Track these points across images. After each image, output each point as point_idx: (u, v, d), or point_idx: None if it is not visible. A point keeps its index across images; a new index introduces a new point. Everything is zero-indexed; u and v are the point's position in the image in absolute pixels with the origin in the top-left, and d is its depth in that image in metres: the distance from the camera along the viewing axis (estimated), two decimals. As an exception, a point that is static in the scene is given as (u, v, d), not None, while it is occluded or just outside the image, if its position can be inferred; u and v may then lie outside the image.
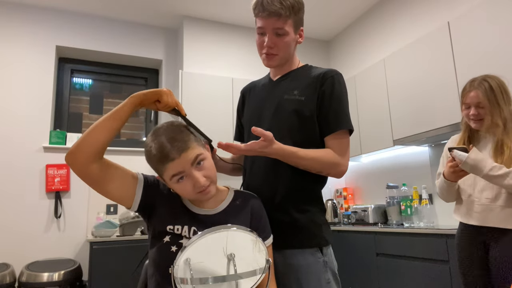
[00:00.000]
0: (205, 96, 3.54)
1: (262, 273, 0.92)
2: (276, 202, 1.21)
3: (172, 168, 0.96)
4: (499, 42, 2.30)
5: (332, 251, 1.24)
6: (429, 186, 3.05)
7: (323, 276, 1.16)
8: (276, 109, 1.27)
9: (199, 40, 3.89)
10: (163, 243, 1.00)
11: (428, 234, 2.42)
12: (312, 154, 1.17)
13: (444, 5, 3.06)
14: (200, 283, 0.84)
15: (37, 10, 3.58)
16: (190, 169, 0.97)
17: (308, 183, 1.23)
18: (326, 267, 1.17)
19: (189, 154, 0.96)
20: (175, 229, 1.01)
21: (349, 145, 1.24)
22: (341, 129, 1.21)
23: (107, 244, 2.84)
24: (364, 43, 3.96)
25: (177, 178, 0.97)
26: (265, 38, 1.23)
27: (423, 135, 2.79)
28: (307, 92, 1.23)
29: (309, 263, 1.16)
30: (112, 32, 3.85)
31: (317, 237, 1.20)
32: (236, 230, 0.91)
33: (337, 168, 1.20)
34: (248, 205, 1.12)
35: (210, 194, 1.01)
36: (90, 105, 3.88)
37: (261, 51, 1.26)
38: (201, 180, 0.97)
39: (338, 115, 1.21)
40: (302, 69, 1.32)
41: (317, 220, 1.22)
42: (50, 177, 3.31)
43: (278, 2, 1.17)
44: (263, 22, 1.20)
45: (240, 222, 1.07)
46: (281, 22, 1.19)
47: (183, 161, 0.96)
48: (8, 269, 2.82)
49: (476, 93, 1.71)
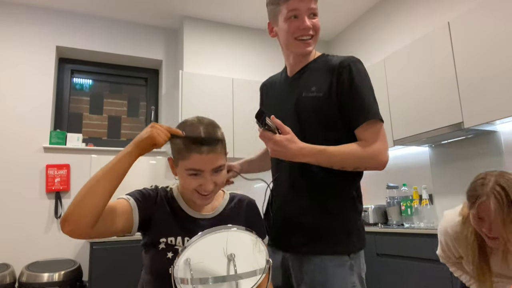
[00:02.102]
0: (205, 96, 3.54)
1: (262, 273, 0.92)
2: (302, 207, 1.17)
3: (196, 161, 0.96)
4: (499, 42, 2.30)
5: (362, 254, 1.17)
6: (429, 186, 3.05)
7: (348, 279, 1.11)
8: (295, 109, 1.21)
9: (199, 40, 3.89)
10: (159, 250, 1.01)
11: (428, 235, 2.41)
12: (343, 148, 1.10)
13: (444, 5, 3.06)
14: (200, 283, 0.84)
15: (37, 10, 3.58)
16: (208, 173, 0.98)
17: (337, 184, 1.16)
18: (352, 270, 1.12)
19: (216, 159, 0.98)
20: (168, 240, 1.02)
21: (383, 133, 1.14)
22: (366, 121, 1.11)
23: (107, 244, 2.84)
24: (364, 43, 3.96)
25: (192, 172, 0.97)
26: (302, 21, 1.16)
27: (423, 135, 2.79)
28: (325, 86, 1.15)
29: (334, 266, 1.11)
30: (112, 32, 3.85)
31: (345, 244, 1.14)
32: (236, 230, 0.91)
33: (375, 159, 1.10)
34: (243, 207, 1.15)
35: (208, 201, 1.03)
36: (90, 105, 3.88)
37: (295, 36, 1.17)
38: (210, 187, 0.99)
39: (362, 106, 1.12)
40: (318, 60, 1.23)
41: (347, 225, 1.15)
42: (50, 177, 3.31)
43: None
44: (298, 3, 1.14)
45: (234, 223, 1.07)
46: (314, 1, 1.17)
47: (210, 161, 0.97)
48: (8, 269, 2.82)
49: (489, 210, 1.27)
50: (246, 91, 3.73)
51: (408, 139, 2.94)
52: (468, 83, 2.48)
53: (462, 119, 2.49)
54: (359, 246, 1.16)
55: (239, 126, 3.61)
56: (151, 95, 4.11)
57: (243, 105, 3.68)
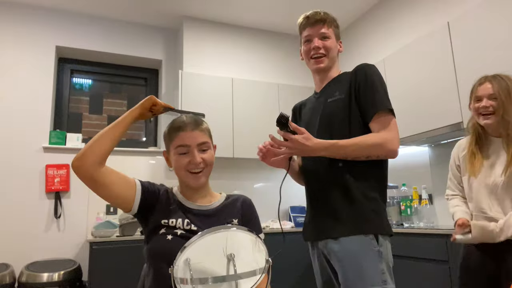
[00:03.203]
0: (205, 96, 3.54)
1: (262, 273, 0.92)
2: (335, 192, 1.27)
3: (182, 137, 1.12)
4: (499, 42, 2.30)
5: (389, 245, 1.25)
6: (429, 186, 3.05)
7: (378, 265, 1.18)
8: (322, 113, 1.36)
9: (199, 40, 3.89)
10: (159, 235, 1.07)
11: (428, 234, 2.41)
12: (353, 140, 1.22)
13: (444, 5, 3.06)
14: (200, 283, 0.84)
15: (37, 10, 3.58)
16: (194, 148, 1.12)
17: (366, 170, 1.26)
18: (381, 257, 1.19)
19: (200, 135, 1.13)
20: (170, 222, 1.09)
21: (394, 123, 1.26)
22: (377, 111, 1.25)
23: (107, 244, 2.84)
24: (364, 43, 3.96)
25: (181, 150, 1.12)
26: (312, 43, 1.38)
27: (423, 135, 2.79)
28: (345, 89, 1.33)
29: (365, 250, 1.18)
30: (112, 32, 3.84)
31: (373, 223, 1.22)
32: (236, 230, 0.91)
33: (384, 147, 1.21)
34: (239, 203, 1.21)
35: (200, 180, 1.13)
36: (90, 105, 3.88)
37: (309, 56, 1.40)
38: (198, 159, 1.11)
39: (373, 99, 1.27)
40: (341, 75, 1.42)
41: (375, 207, 1.24)
42: (50, 177, 3.31)
43: (323, 13, 1.38)
44: (310, 30, 1.38)
45: (231, 217, 1.16)
46: (326, 27, 1.37)
47: (193, 136, 1.12)
48: (8, 269, 2.82)
49: (491, 84, 1.61)
50: (246, 91, 3.73)
51: (407, 139, 2.94)
52: (468, 83, 2.47)
53: (462, 119, 2.49)
54: (387, 230, 1.24)
55: (238, 126, 3.61)
56: (150, 95, 4.11)
57: (243, 105, 3.68)
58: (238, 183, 3.89)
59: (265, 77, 4.13)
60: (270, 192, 3.99)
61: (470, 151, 1.69)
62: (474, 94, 1.67)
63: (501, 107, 1.56)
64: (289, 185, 4.08)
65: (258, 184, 3.99)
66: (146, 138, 4.01)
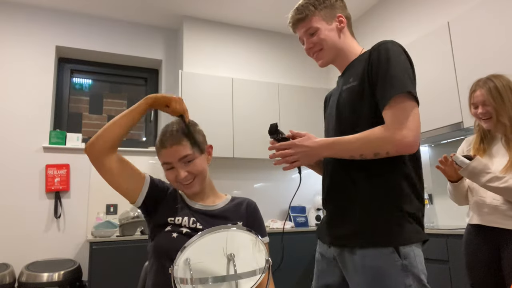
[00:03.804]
0: (205, 96, 3.54)
1: (262, 273, 0.92)
2: (349, 200, 1.11)
3: (164, 155, 1.13)
4: (499, 42, 2.30)
5: (418, 253, 1.05)
6: (429, 186, 3.05)
7: (401, 281, 1.00)
8: (337, 103, 1.21)
9: (199, 40, 3.89)
10: (164, 232, 1.09)
11: (428, 234, 2.42)
12: (358, 135, 1.04)
13: (444, 5, 3.06)
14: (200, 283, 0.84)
15: (37, 10, 3.58)
16: (177, 163, 1.12)
17: (381, 173, 1.07)
18: (406, 271, 1.01)
19: (180, 150, 1.12)
20: (176, 220, 1.11)
21: (411, 110, 1.01)
22: (392, 96, 1.02)
23: (107, 244, 2.84)
24: (364, 43, 3.96)
25: (166, 167, 1.14)
26: (305, 45, 1.26)
27: (423, 135, 2.79)
28: (360, 74, 1.13)
29: (383, 266, 1.02)
30: (112, 32, 3.84)
31: (391, 235, 1.03)
32: (236, 230, 0.91)
33: (393, 141, 0.99)
34: (243, 207, 1.22)
35: (193, 189, 1.15)
36: (89, 105, 3.88)
37: (310, 56, 1.29)
38: (182, 175, 1.12)
39: (389, 81, 1.04)
40: (362, 55, 1.20)
41: (394, 214, 1.05)
42: (50, 177, 3.31)
43: (294, 10, 1.24)
44: (297, 32, 1.27)
45: (236, 219, 1.17)
46: (306, 23, 1.22)
47: (172, 153, 1.12)
48: (8, 269, 2.82)
49: (480, 91, 1.71)
50: (246, 91, 3.73)
51: (408, 139, 2.93)
52: (468, 83, 2.47)
53: (462, 119, 2.49)
54: (410, 239, 1.03)
55: (238, 126, 3.61)
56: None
57: (243, 105, 3.68)
58: (238, 183, 3.89)
59: (265, 77, 4.12)
60: (270, 192, 3.99)
61: (475, 149, 1.81)
62: (471, 101, 1.77)
63: (494, 112, 1.67)
64: (289, 185, 4.09)
65: (258, 184, 3.98)
66: (146, 138, 4.01)
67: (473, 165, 1.60)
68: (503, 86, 1.68)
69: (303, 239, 3.37)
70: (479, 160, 1.61)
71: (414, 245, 1.04)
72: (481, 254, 1.71)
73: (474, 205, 1.76)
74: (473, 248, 1.75)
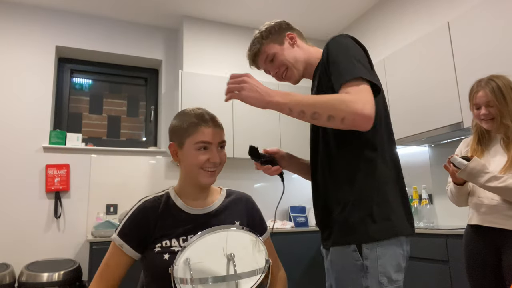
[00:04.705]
0: (204, 96, 3.54)
1: (262, 273, 0.92)
2: (323, 197, 1.15)
3: (206, 134, 1.06)
4: (499, 42, 2.30)
5: (384, 253, 1.00)
6: (429, 186, 3.05)
7: (359, 282, 1.00)
8: None
9: (199, 40, 3.89)
10: (155, 253, 1.01)
11: (428, 234, 2.41)
12: (315, 95, 1.06)
13: (444, 5, 3.06)
14: (199, 283, 0.84)
15: (37, 10, 3.58)
16: (215, 146, 1.07)
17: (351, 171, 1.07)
18: (365, 272, 0.99)
19: (221, 133, 1.10)
20: (163, 243, 1.02)
21: (366, 91, 0.98)
22: (343, 83, 0.99)
23: (107, 244, 2.84)
24: (364, 43, 3.96)
25: (200, 146, 1.05)
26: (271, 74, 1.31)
27: (423, 135, 2.79)
28: (319, 74, 1.17)
29: (344, 265, 1.03)
30: (112, 32, 3.84)
31: (353, 233, 1.02)
32: (235, 230, 0.91)
33: (348, 105, 0.93)
34: (241, 204, 1.17)
35: (213, 178, 1.07)
36: (90, 105, 3.88)
37: (281, 81, 1.31)
38: (217, 158, 1.06)
39: (337, 70, 1.03)
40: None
41: (360, 213, 1.03)
42: (50, 177, 3.31)
43: (248, 50, 1.31)
44: (261, 67, 1.31)
45: (235, 218, 1.12)
46: (262, 53, 1.27)
47: (216, 134, 1.08)
48: (8, 269, 2.82)
49: (484, 92, 1.69)
50: (246, 91, 3.72)
51: (407, 139, 2.94)
52: (468, 83, 2.47)
53: (462, 119, 2.49)
54: (374, 236, 1.01)
55: (238, 126, 3.61)
56: (150, 95, 4.11)
57: (243, 104, 3.68)
58: (238, 183, 3.89)
59: (265, 77, 4.12)
60: (270, 192, 3.99)
61: (472, 149, 1.81)
62: (473, 102, 1.75)
63: (498, 113, 1.66)
64: (289, 185, 4.09)
65: (258, 184, 3.98)
66: (146, 138, 4.01)
67: (472, 166, 1.59)
68: (505, 87, 1.67)
69: (303, 239, 3.37)
70: (477, 160, 1.60)
71: (380, 245, 1.01)
72: (481, 254, 1.71)
73: (473, 206, 1.76)
74: (472, 248, 1.74)
